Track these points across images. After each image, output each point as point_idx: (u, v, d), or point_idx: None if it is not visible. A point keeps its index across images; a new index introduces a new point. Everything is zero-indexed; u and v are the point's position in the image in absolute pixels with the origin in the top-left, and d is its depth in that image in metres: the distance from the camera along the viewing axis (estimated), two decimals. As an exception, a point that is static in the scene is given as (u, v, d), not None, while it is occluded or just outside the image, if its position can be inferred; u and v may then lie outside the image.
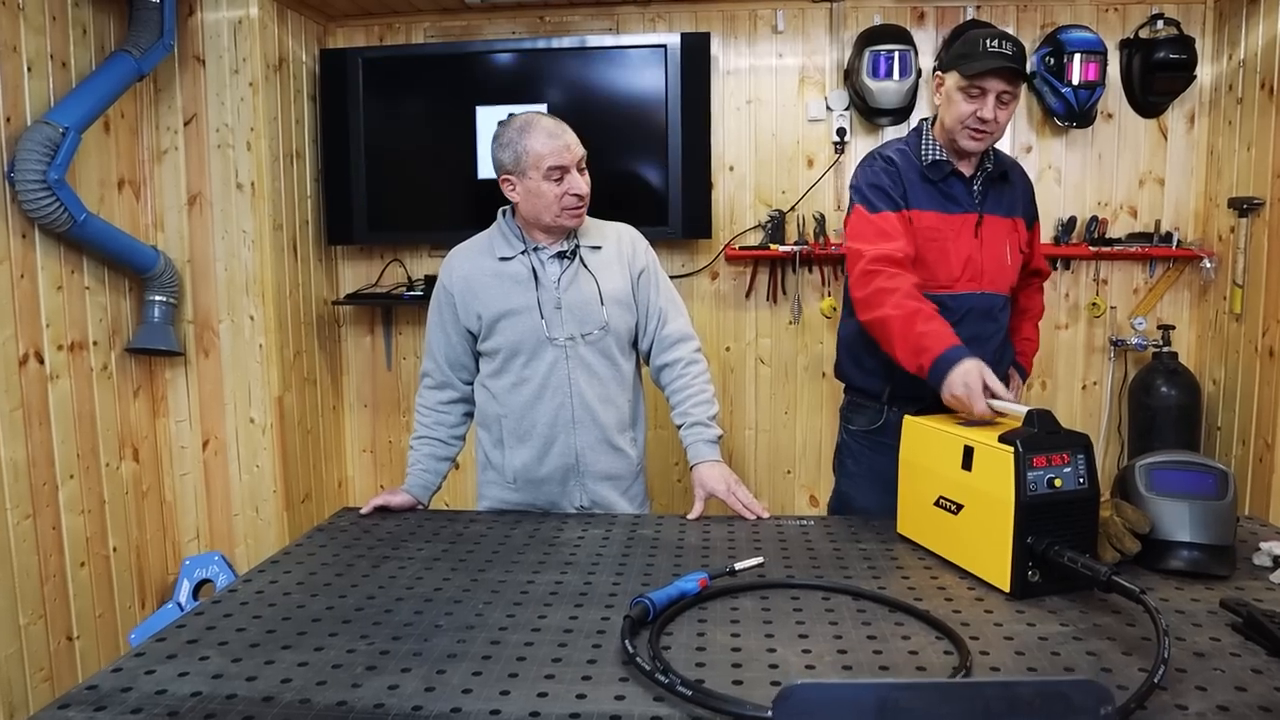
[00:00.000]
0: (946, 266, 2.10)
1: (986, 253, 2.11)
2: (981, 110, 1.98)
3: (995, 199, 2.13)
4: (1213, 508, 1.54)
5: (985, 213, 2.11)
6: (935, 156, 2.11)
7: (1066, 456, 1.46)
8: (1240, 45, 3.05)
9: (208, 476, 3.21)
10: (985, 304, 2.13)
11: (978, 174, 2.12)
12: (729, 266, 3.45)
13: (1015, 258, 2.17)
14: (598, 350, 2.05)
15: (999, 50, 1.96)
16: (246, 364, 3.13)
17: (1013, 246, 2.15)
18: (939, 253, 2.09)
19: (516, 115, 2.00)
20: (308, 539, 1.83)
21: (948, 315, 2.05)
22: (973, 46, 1.99)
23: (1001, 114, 2.00)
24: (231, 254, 3.09)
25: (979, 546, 1.51)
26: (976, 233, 2.10)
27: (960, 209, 2.10)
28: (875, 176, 2.13)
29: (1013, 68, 1.95)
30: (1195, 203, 3.29)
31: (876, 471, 2.22)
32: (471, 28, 3.44)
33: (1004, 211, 2.14)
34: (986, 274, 2.12)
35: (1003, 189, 2.15)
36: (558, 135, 1.95)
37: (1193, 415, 3.15)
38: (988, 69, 1.95)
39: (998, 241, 2.13)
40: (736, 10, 3.35)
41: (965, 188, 2.11)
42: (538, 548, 1.74)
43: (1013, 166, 2.21)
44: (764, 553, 1.67)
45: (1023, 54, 1.99)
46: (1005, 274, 2.16)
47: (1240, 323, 3.06)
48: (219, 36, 3.02)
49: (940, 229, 2.09)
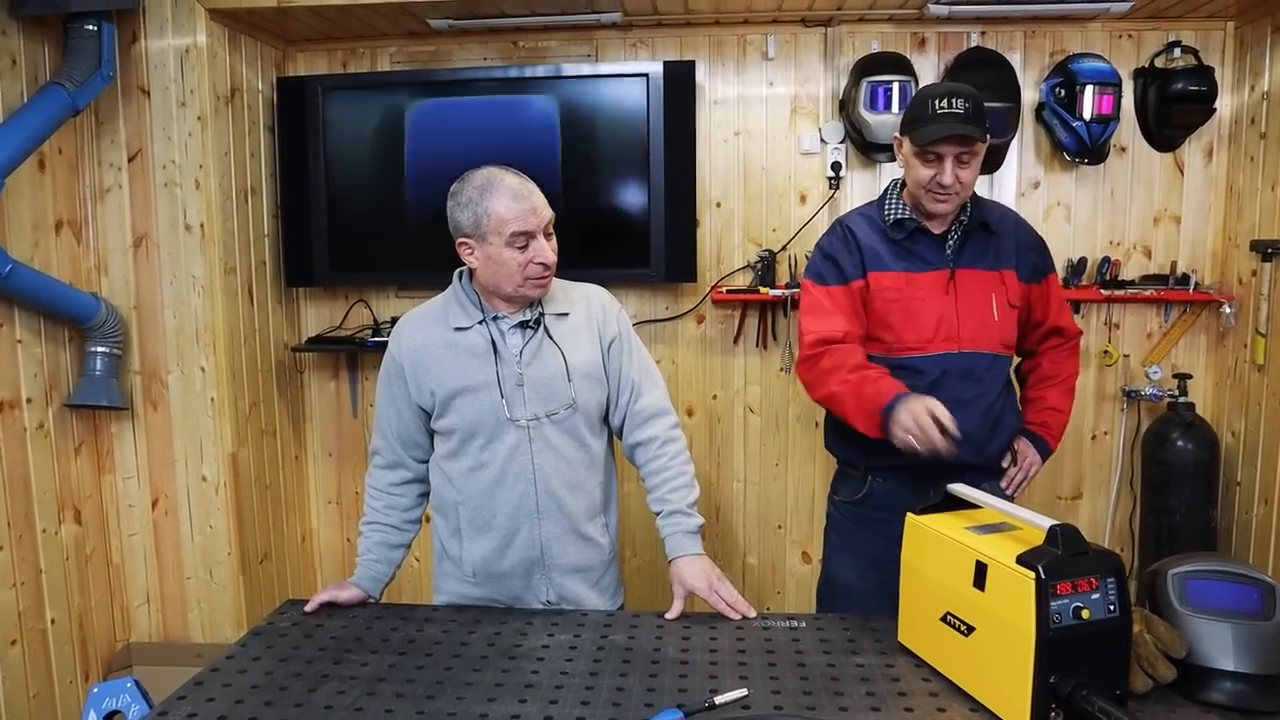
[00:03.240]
0: (915, 327, 2.00)
1: (963, 310, 1.99)
2: (940, 176, 1.91)
3: (974, 252, 2.02)
4: (1259, 630, 1.37)
5: (960, 267, 2.00)
6: (898, 215, 2.02)
7: (1095, 581, 1.29)
8: (1264, 76, 2.85)
9: (158, 537, 2.99)
10: (965, 364, 2.00)
11: (952, 228, 2.02)
12: (716, 310, 3.24)
13: (1005, 312, 2.03)
14: (564, 430, 1.85)
15: (949, 110, 1.88)
16: (198, 418, 2.91)
17: (1000, 301, 2.02)
18: (904, 314, 2.00)
19: (477, 171, 1.79)
20: (241, 649, 1.65)
21: (920, 379, 1.97)
22: (922, 109, 1.92)
23: (964, 174, 1.92)
24: (180, 300, 2.88)
25: (994, 678, 1.34)
26: (949, 289, 1.99)
27: (929, 266, 2.00)
28: (830, 247, 2.07)
29: (964, 132, 1.86)
30: (1213, 243, 3.08)
31: (858, 547, 2.12)
32: (440, 53, 3.23)
33: (986, 264, 2.02)
34: (964, 332, 1.99)
35: (985, 240, 2.03)
36: (524, 197, 1.74)
37: (1210, 470, 2.95)
38: (938, 136, 1.87)
39: (977, 297, 2.00)
40: (724, 35, 3.14)
41: (934, 244, 2.01)
42: (497, 660, 1.57)
43: (1001, 217, 2.08)
44: (749, 669, 1.50)
45: (978, 109, 1.90)
46: (990, 331, 2.02)
47: (1263, 374, 2.86)
48: (164, 66, 2.80)
49: (903, 289, 2.00)
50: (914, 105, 1.97)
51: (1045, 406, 2.16)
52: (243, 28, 2.97)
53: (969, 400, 1.98)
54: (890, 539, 2.00)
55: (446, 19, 2.94)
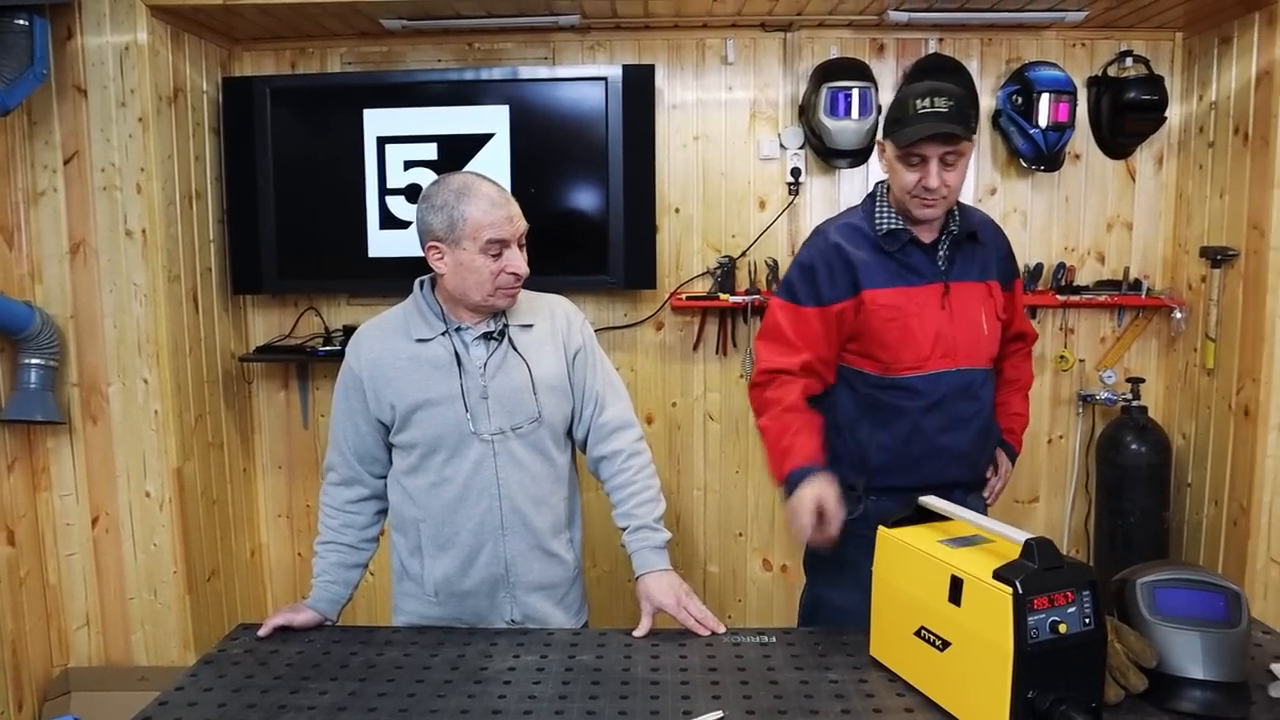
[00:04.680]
0: (913, 346, 1.92)
1: (958, 325, 1.92)
2: (926, 179, 1.81)
3: (965, 263, 1.95)
4: (1226, 639, 1.38)
5: (952, 280, 1.93)
6: (891, 226, 1.93)
7: (1070, 595, 1.28)
8: (1211, 86, 2.91)
9: (98, 557, 2.87)
10: (963, 381, 1.94)
11: (942, 238, 1.93)
12: (675, 316, 3.21)
13: (993, 325, 1.98)
14: (529, 444, 1.80)
15: (931, 110, 1.78)
16: (140, 432, 2.80)
17: (989, 313, 1.96)
18: (901, 332, 1.92)
19: (453, 175, 1.75)
20: (191, 678, 1.57)
21: (920, 399, 1.92)
22: (903, 109, 1.83)
23: (950, 176, 1.82)
24: (121, 309, 2.76)
25: (970, 694, 1.33)
26: (944, 304, 1.92)
27: (923, 280, 1.92)
28: (811, 261, 1.97)
29: (947, 130, 1.77)
30: (1163, 248, 3.14)
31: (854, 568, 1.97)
32: (393, 54, 3.15)
33: (975, 275, 1.96)
34: (961, 348, 1.93)
35: (973, 250, 1.97)
36: (501, 205, 1.70)
37: (1163, 473, 3.00)
38: (921, 136, 1.78)
39: (970, 310, 1.94)
40: (683, 39, 3.11)
41: (927, 256, 1.93)
42: (462, 685, 1.51)
43: (983, 224, 2.02)
44: (721, 688, 1.47)
45: (962, 105, 1.81)
46: (982, 345, 1.97)
47: (1213, 378, 2.92)
48: (103, 64, 2.68)
49: (901, 306, 1.91)
50: (895, 106, 1.88)
51: (1011, 412, 2.15)
52: (186, 25, 2.86)
53: (968, 418, 1.95)
54: None
55: (400, 19, 2.86)
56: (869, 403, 1.97)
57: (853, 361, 1.99)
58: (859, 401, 1.99)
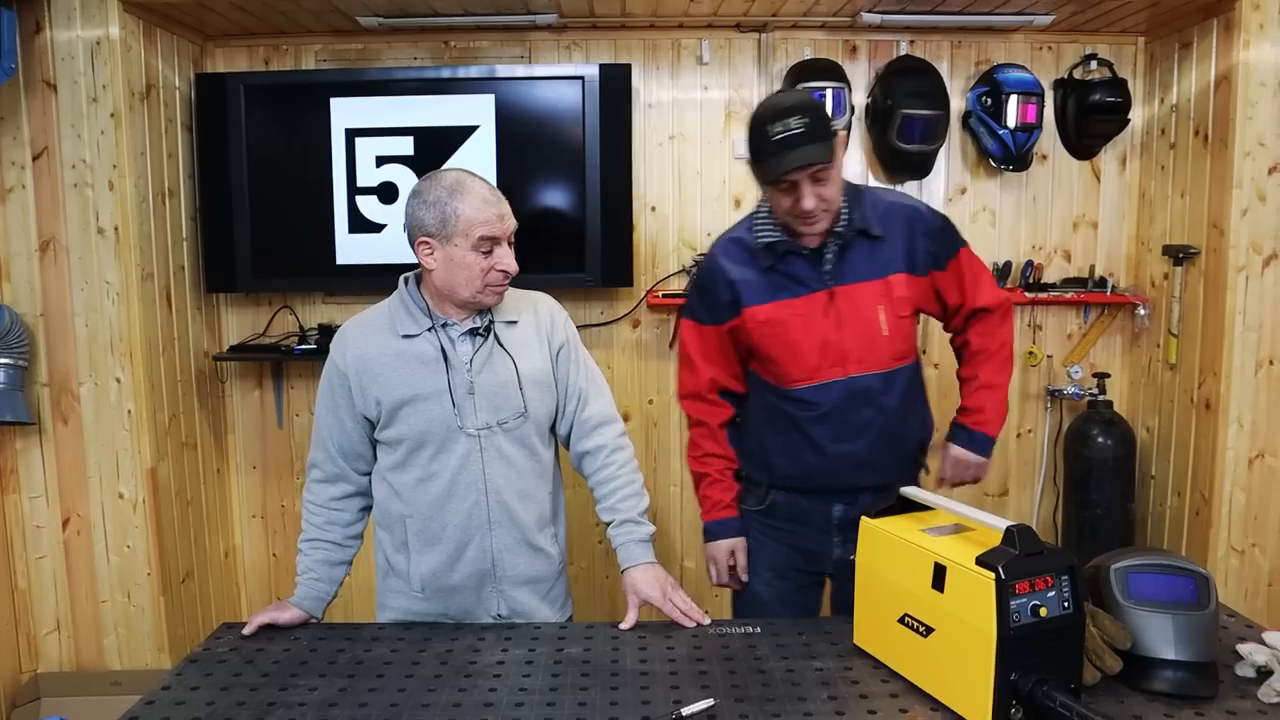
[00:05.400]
0: (799, 359, 1.90)
1: (847, 330, 1.87)
2: (801, 202, 1.77)
3: (855, 264, 1.88)
4: (1197, 621, 1.43)
5: (839, 285, 1.87)
6: (768, 239, 1.89)
7: (1050, 580, 1.32)
8: (1173, 89, 3.00)
9: (69, 560, 2.82)
10: (855, 389, 1.90)
11: (828, 242, 1.87)
12: (651, 314, 3.23)
13: (895, 322, 1.90)
14: (515, 440, 1.81)
15: (786, 133, 1.72)
16: (113, 432, 2.76)
17: (889, 311, 1.88)
18: (785, 346, 1.90)
19: (444, 172, 1.76)
20: (177, 677, 1.56)
21: (813, 409, 1.92)
22: (761, 139, 1.76)
23: (825, 191, 1.78)
24: (93, 308, 2.72)
25: (954, 677, 1.37)
26: (828, 311, 1.87)
27: (806, 289, 1.88)
28: (701, 282, 2.01)
29: (807, 161, 1.72)
30: (1127, 247, 3.22)
31: (765, 557, 2.08)
32: (369, 52, 3.14)
33: (868, 275, 1.88)
34: (852, 355, 1.88)
35: (867, 248, 1.88)
36: (493, 203, 1.72)
37: (1128, 465, 3.08)
38: (781, 173, 1.74)
39: (862, 313, 1.88)
40: (658, 39, 3.14)
41: (809, 263, 1.88)
42: (451, 679, 1.52)
43: (887, 214, 1.91)
44: (709, 678, 1.49)
45: (816, 117, 1.74)
46: (878, 347, 1.89)
47: (1175, 372, 3.00)
48: (73, 59, 2.64)
49: (782, 320, 1.89)
50: (751, 135, 1.81)
51: (979, 386, 1.98)
52: (159, 20, 2.82)
53: (862, 426, 1.92)
54: (795, 549, 2.04)
55: (378, 16, 2.85)
56: (770, 409, 1.99)
57: (758, 370, 2.01)
58: (764, 406, 2.01)
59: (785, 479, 2.00)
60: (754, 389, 2.04)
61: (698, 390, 2.04)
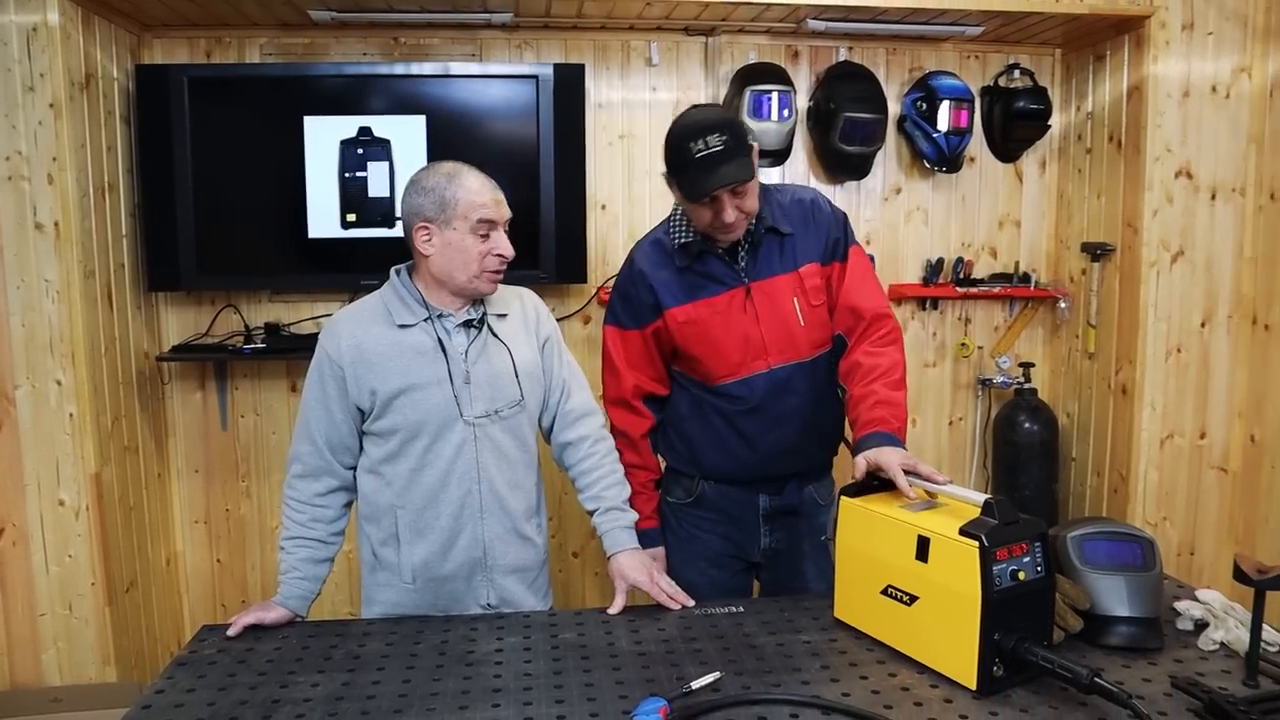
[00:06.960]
0: (722, 355, 1.95)
1: (765, 324, 1.93)
2: (721, 216, 1.81)
3: (768, 259, 1.94)
4: (1145, 580, 1.58)
5: (755, 280, 1.93)
6: (683, 239, 1.95)
7: (1025, 546, 1.44)
8: (1088, 98, 3.22)
9: (4, 572, 2.68)
10: (776, 379, 1.96)
11: (741, 242, 1.93)
12: (602, 310, 3.26)
13: (811, 312, 1.95)
14: (508, 429, 1.85)
15: (707, 151, 1.74)
16: (54, 437, 2.64)
17: (803, 301, 1.94)
18: (708, 344, 1.95)
19: (440, 162, 1.81)
20: (169, 681, 1.52)
21: (740, 404, 1.98)
22: (681, 155, 1.78)
23: (745, 203, 1.82)
24: (30, 307, 2.60)
25: (940, 641, 1.46)
26: (747, 307, 1.93)
27: (723, 287, 1.93)
28: (622, 287, 2.04)
29: (730, 180, 1.75)
30: (1048, 244, 3.44)
31: (697, 547, 2.11)
32: (316, 46, 3.08)
33: (781, 268, 1.94)
34: (771, 347, 1.94)
35: (778, 242, 1.94)
36: (490, 189, 1.79)
37: (1052, 449, 3.29)
38: (704, 193, 1.77)
39: (777, 306, 1.93)
40: (609, 40, 3.19)
41: (725, 262, 1.93)
42: (454, 668, 1.53)
43: (792, 209, 1.96)
44: (705, 655, 1.55)
45: (735, 133, 1.76)
46: (796, 338, 1.95)
47: (1093, 361, 3.23)
48: (6, 45, 2.52)
49: (703, 319, 1.94)
50: (671, 151, 1.82)
51: (876, 401, 1.81)
52: (96, 7, 2.71)
53: (788, 415, 1.97)
54: (725, 538, 2.10)
55: (329, 11, 2.81)
56: (696, 403, 2.03)
57: (683, 369, 2.06)
58: (690, 401, 2.05)
59: (715, 471, 2.04)
60: (679, 385, 2.08)
61: (621, 396, 2.07)
